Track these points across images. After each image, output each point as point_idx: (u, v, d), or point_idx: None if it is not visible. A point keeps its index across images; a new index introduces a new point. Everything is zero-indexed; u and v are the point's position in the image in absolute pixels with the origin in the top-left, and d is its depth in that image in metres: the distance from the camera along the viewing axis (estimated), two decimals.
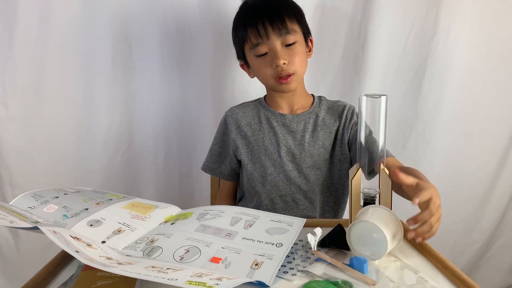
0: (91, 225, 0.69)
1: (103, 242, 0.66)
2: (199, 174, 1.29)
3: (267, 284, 0.57)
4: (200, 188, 1.35)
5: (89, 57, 1.20)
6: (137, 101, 1.27)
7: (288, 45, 0.96)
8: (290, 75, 0.96)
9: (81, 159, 1.26)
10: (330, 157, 1.03)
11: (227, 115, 1.09)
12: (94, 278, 0.58)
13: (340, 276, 0.61)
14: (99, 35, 1.19)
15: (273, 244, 0.68)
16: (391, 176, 0.70)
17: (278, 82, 0.97)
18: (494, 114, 1.33)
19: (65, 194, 0.78)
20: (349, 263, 0.63)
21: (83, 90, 1.22)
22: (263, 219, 0.76)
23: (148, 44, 1.23)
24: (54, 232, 0.55)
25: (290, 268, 0.64)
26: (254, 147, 1.05)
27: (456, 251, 1.44)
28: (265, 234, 0.71)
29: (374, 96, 0.75)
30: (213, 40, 1.23)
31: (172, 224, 0.75)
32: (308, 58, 1.03)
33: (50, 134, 1.22)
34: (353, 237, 0.67)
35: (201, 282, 0.49)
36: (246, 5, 1.01)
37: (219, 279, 0.52)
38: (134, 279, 0.58)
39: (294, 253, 0.69)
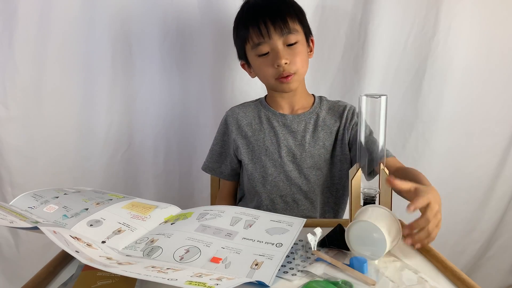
0: (91, 225, 0.69)
1: (103, 242, 0.66)
2: (199, 174, 1.29)
3: (267, 284, 0.57)
4: (200, 188, 1.35)
5: (89, 57, 1.20)
6: (137, 101, 1.27)
7: (289, 44, 0.96)
8: (291, 74, 0.96)
9: (81, 159, 1.26)
10: (331, 157, 1.03)
11: (228, 115, 1.09)
12: (94, 278, 0.58)
13: (340, 276, 0.61)
14: (99, 35, 1.19)
15: (273, 244, 0.67)
16: (387, 183, 0.70)
17: (279, 82, 0.97)
18: (494, 114, 1.33)
19: (65, 194, 0.78)
20: (349, 263, 0.63)
21: (83, 90, 1.22)
22: (263, 219, 0.76)
23: (148, 44, 1.23)
24: (54, 232, 0.55)
25: (290, 268, 0.64)
26: (254, 147, 1.04)
27: (456, 251, 1.44)
28: (265, 234, 0.71)
29: (374, 96, 0.75)
30: (213, 40, 1.23)
31: (172, 224, 0.75)
32: (309, 58, 1.03)
33: (50, 134, 1.22)
34: (352, 237, 0.67)
35: (201, 282, 0.49)
36: (247, 4, 1.01)
37: (219, 279, 0.52)
38: (134, 279, 0.58)
39: (294, 253, 0.69)
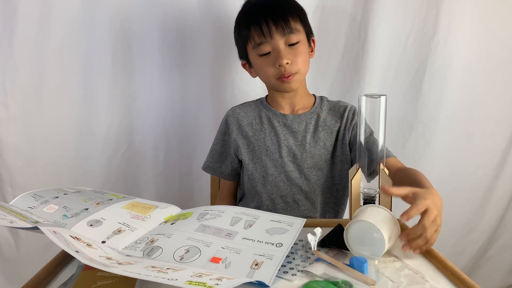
0: (91, 225, 0.69)
1: (103, 242, 0.66)
2: (199, 174, 1.29)
3: (267, 284, 0.57)
4: (200, 188, 1.34)
5: (89, 57, 1.20)
6: (137, 101, 1.27)
7: (291, 44, 0.96)
8: (292, 74, 0.96)
9: (81, 159, 1.26)
10: (331, 157, 1.03)
11: (229, 115, 1.09)
12: (94, 278, 0.58)
13: (340, 276, 0.61)
14: (99, 35, 1.19)
15: (273, 244, 0.67)
16: (382, 192, 0.70)
17: (280, 82, 0.97)
18: (494, 114, 1.33)
19: (65, 194, 0.78)
20: (349, 263, 0.63)
21: (83, 90, 1.22)
22: (263, 219, 0.76)
23: (148, 44, 1.23)
24: (54, 232, 0.55)
25: (290, 268, 0.64)
26: (255, 147, 1.04)
27: (456, 251, 1.44)
28: (265, 234, 0.71)
29: (374, 96, 0.75)
30: (213, 40, 1.23)
31: (172, 224, 0.75)
32: (310, 58, 1.03)
33: (50, 134, 1.22)
34: (350, 237, 0.67)
35: (201, 282, 0.49)
36: (249, 4, 1.01)
37: (219, 279, 0.52)
38: (134, 279, 0.58)
39: (294, 253, 0.69)
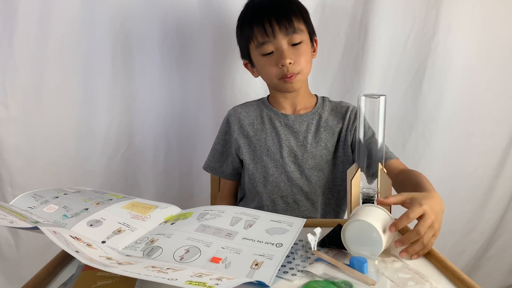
0: (91, 225, 0.69)
1: (103, 242, 0.66)
2: (199, 174, 1.29)
3: (267, 284, 0.57)
4: (200, 188, 1.35)
5: (89, 57, 1.20)
6: (137, 101, 1.27)
7: (294, 44, 0.95)
8: (294, 74, 0.96)
9: (81, 159, 1.26)
10: (333, 158, 1.03)
11: (230, 114, 1.09)
12: (94, 278, 0.58)
13: (340, 276, 0.61)
14: (99, 35, 1.19)
15: (273, 244, 0.67)
16: (380, 204, 0.70)
17: (283, 81, 0.97)
18: (494, 114, 1.33)
19: (65, 194, 0.78)
20: (349, 263, 0.63)
21: (83, 90, 1.22)
22: (263, 219, 0.76)
23: (148, 44, 1.23)
24: (54, 232, 0.55)
25: (290, 268, 0.64)
26: (256, 147, 1.04)
27: (456, 251, 1.44)
28: (265, 234, 0.71)
29: (373, 96, 0.75)
30: (213, 40, 1.23)
31: (172, 224, 0.75)
32: (312, 58, 1.02)
33: (50, 134, 1.22)
34: (348, 237, 0.67)
35: (201, 282, 0.49)
36: (252, 3, 1.00)
37: (219, 279, 0.52)
38: (134, 279, 0.58)
39: (294, 253, 0.69)
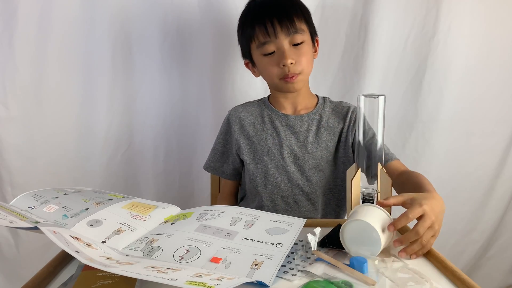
0: (91, 225, 0.69)
1: (103, 242, 0.66)
2: (199, 174, 1.29)
3: (267, 284, 0.57)
4: (200, 188, 1.34)
5: (89, 57, 1.20)
6: (137, 101, 1.27)
7: (295, 44, 0.95)
8: (296, 75, 0.96)
9: (81, 159, 1.26)
10: (334, 159, 1.03)
11: (231, 114, 1.09)
12: (94, 278, 0.58)
13: (340, 276, 0.61)
14: (99, 35, 1.19)
15: (273, 244, 0.67)
16: (381, 205, 0.70)
17: (284, 82, 0.97)
18: (494, 114, 1.33)
19: (65, 194, 0.78)
20: (349, 263, 0.63)
21: (83, 90, 1.22)
22: (263, 219, 0.76)
23: (148, 44, 1.23)
24: (54, 232, 0.55)
25: (290, 268, 0.64)
26: (256, 147, 1.04)
27: (456, 251, 1.44)
28: (265, 234, 0.71)
29: (373, 96, 0.75)
30: (213, 40, 1.23)
31: (172, 224, 0.75)
32: (313, 59, 1.02)
33: (50, 134, 1.22)
34: (346, 237, 0.67)
35: (201, 282, 0.49)
36: (254, 2, 1.00)
37: (219, 279, 0.52)
38: (134, 279, 0.58)
39: (294, 253, 0.69)
